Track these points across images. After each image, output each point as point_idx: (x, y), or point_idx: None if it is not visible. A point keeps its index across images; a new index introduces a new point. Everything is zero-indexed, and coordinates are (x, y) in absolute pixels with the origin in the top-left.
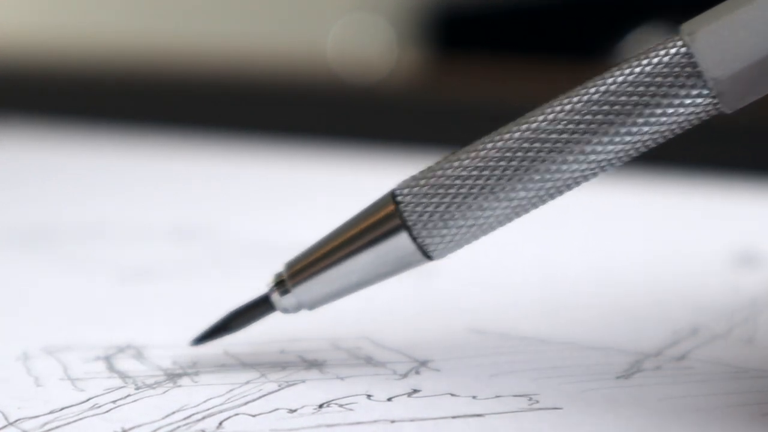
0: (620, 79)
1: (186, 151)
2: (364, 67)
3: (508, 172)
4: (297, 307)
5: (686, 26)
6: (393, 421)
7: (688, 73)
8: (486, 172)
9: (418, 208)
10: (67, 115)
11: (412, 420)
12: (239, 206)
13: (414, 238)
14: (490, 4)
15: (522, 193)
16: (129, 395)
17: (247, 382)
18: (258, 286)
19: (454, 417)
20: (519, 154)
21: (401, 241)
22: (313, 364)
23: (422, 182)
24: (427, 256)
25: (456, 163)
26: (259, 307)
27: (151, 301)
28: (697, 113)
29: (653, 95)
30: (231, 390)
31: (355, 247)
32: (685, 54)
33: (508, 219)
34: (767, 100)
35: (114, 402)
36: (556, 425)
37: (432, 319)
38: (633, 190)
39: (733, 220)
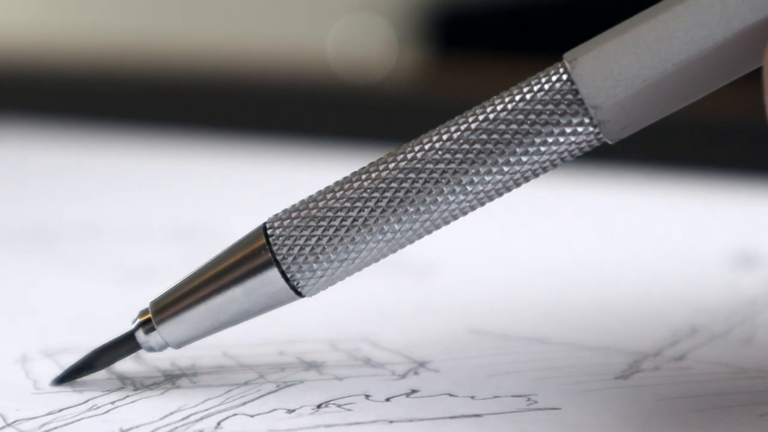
0: (500, 107)
1: (185, 151)
2: (364, 67)
3: (381, 204)
4: (162, 346)
5: (568, 54)
6: (391, 422)
7: (569, 100)
8: (359, 204)
9: (289, 242)
10: (67, 115)
11: (410, 420)
12: (239, 206)
13: (284, 275)
14: (490, 4)
15: (396, 227)
16: (127, 396)
17: (246, 383)
18: None
19: (452, 417)
20: (393, 185)
21: (271, 278)
22: (311, 365)
23: (294, 215)
24: (298, 293)
25: (329, 195)
26: (124, 345)
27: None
28: (578, 143)
29: (533, 123)
30: (229, 390)
31: (223, 284)
32: (567, 81)
33: (383, 254)
34: None
35: (112, 403)
36: (555, 425)
37: (430, 319)
38: (632, 190)
39: (733, 220)
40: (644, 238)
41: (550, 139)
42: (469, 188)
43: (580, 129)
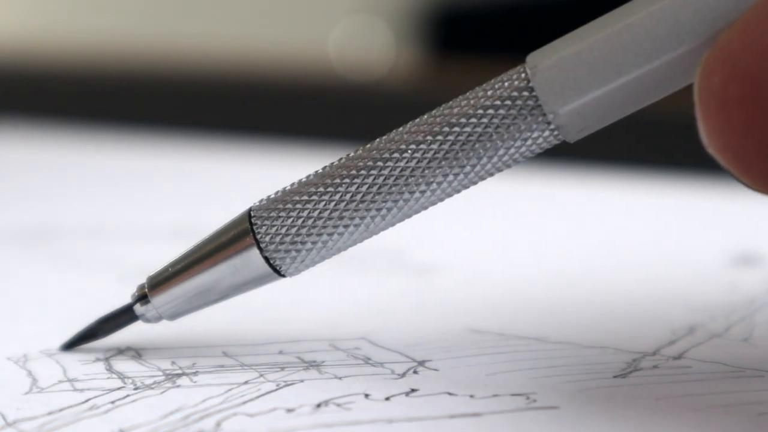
0: (465, 110)
1: (186, 151)
2: (365, 66)
3: (356, 198)
4: (157, 318)
5: (531, 58)
6: (391, 421)
7: (530, 106)
8: (334, 197)
9: (272, 230)
10: (67, 115)
11: (409, 419)
12: (239, 206)
13: (266, 258)
14: (486, 6)
15: (369, 219)
16: (128, 395)
17: (246, 382)
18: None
19: (451, 416)
20: (363, 174)
21: (253, 259)
22: (311, 364)
23: (277, 204)
24: (279, 273)
25: (309, 185)
26: (123, 316)
27: None
28: (539, 144)
29: (496, 127)
30: (229, 390)
31: (210, 263)
32: (527, 88)
33: (357, 241)
34: None
35: (112, 402)
36: (554, 424)
37: (430, 318)
38: (631, 190)
39: (732, 219)
40: (643, 237)
41: (511, 142)
42: (434, 186)
43: (538, 132)
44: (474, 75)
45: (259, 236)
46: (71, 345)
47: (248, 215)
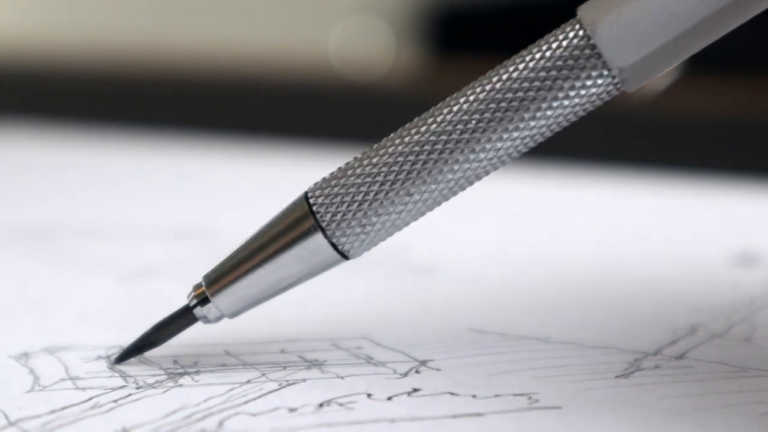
0: (522, 66)
1: (186, 151)
2: (365, 66)
3: (416, 167)
4: (218, 317)
5: (585, 14)
6: (393, 421)
7: (590, 56)
8: (395, 168)
9: (331, 209)
10: (67, 115)
11: (412, 419)
12: (240, 206)
13: (329, 239)
14: (485, 6)
15: (432, 186)
16: (130, 394)
17: (248, 382)
18: None
19: (454, 416)
20: (426, 148)
21: (317, 243)
22: (313, 363)
23: (334, 183)
24: (344, 255)
25: (366, 162)
26: (181, 319)
27: (151, 301)
28: (601, 98)
29: (555, 79)
30: (231, 389)
31: (270, 252)
32: (588, 45)
33: (420, 214)
34: None
35: (115, 401)
36: (556, 424)
37: (432, 318)
38: (632, 190)
39: (732, 219)
40: (644, 237)
41: (572, 93)
42: (498, 144)
43: (600, 81)
44: (474, 75)
45: (320, 218)
46: (127, 355)
47: (305, 198)
